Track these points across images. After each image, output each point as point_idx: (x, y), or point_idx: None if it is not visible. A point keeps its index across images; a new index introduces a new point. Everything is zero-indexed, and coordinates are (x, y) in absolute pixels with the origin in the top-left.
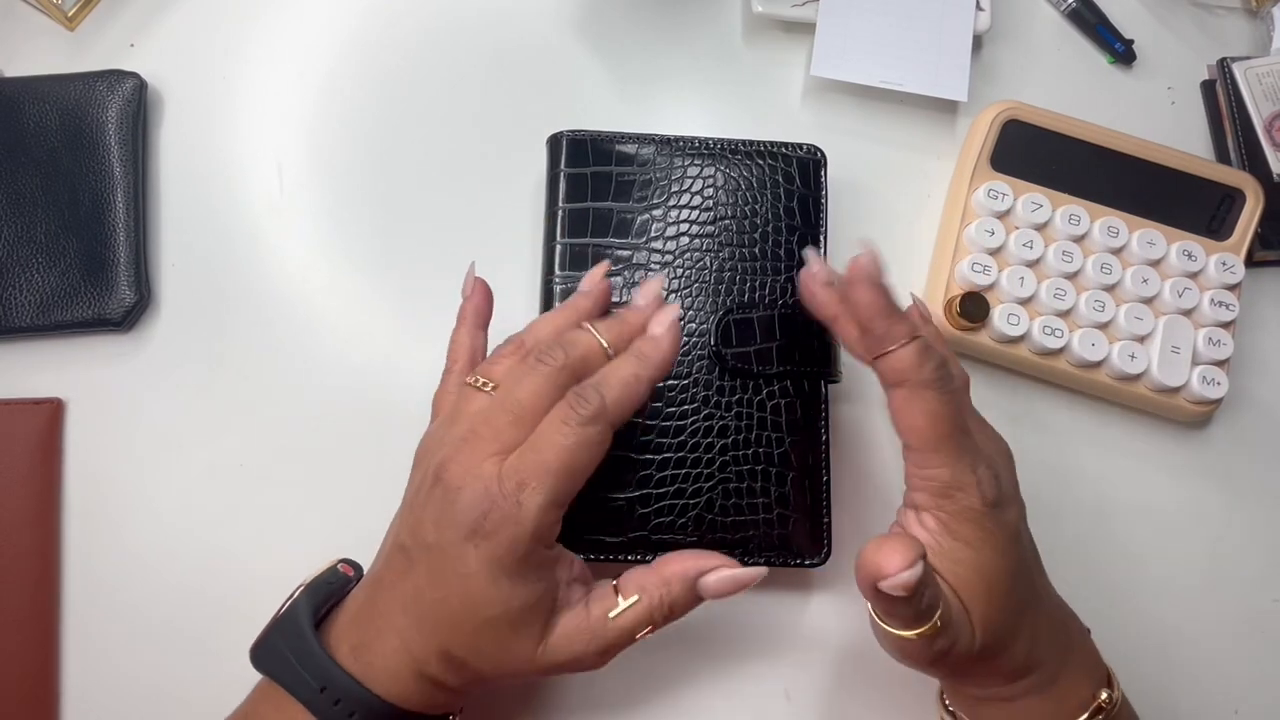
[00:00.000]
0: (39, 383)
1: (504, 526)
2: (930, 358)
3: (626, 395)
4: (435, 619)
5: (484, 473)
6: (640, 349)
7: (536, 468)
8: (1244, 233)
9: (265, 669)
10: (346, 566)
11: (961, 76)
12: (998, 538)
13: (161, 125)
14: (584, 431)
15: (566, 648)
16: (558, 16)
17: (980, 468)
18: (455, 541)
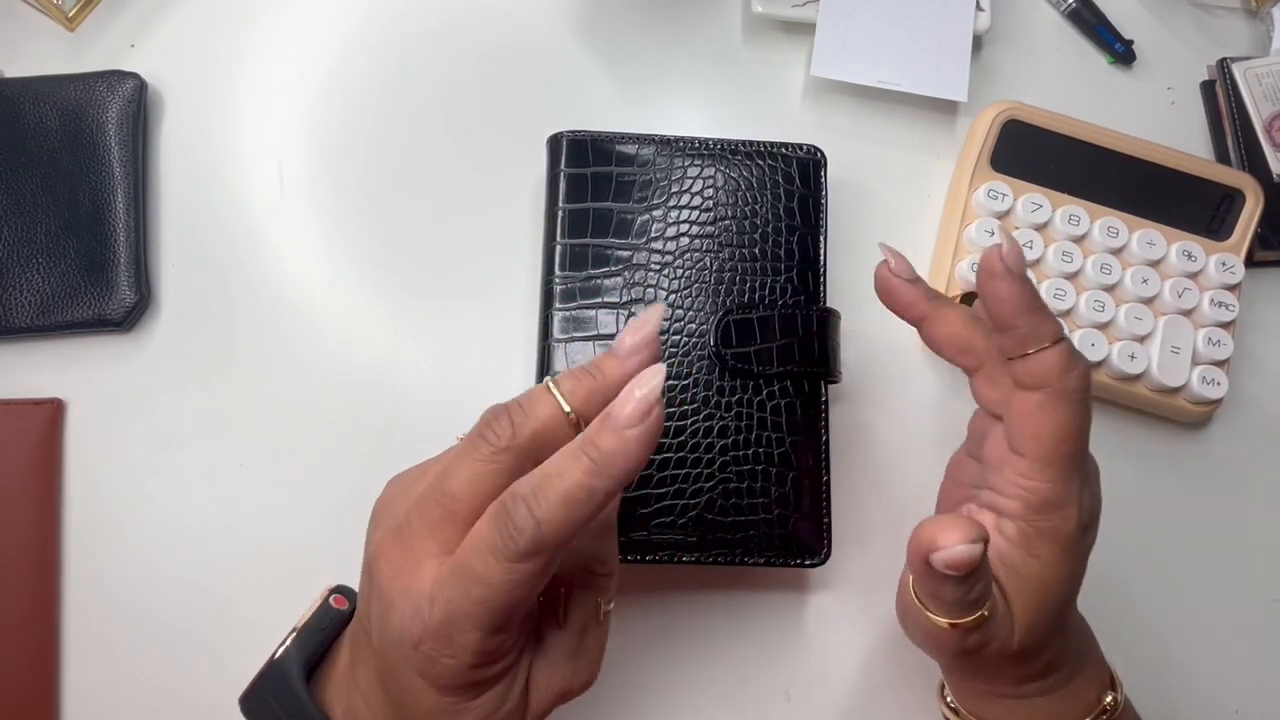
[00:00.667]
0: (39, 383)
1: (438, 660)
2: (1077, 362)
3: (570, 519)
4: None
5: (414, 589)
6: (598, 444)
7: (463, 604)
8: (1244, 233)
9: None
10: (339, 599)
11: (961, 77)
12: (1074, 560)
13: (161, 125)
14: (515, 569)
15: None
16: (558, 16)
17: (1085, 490)
18: (398, 663)
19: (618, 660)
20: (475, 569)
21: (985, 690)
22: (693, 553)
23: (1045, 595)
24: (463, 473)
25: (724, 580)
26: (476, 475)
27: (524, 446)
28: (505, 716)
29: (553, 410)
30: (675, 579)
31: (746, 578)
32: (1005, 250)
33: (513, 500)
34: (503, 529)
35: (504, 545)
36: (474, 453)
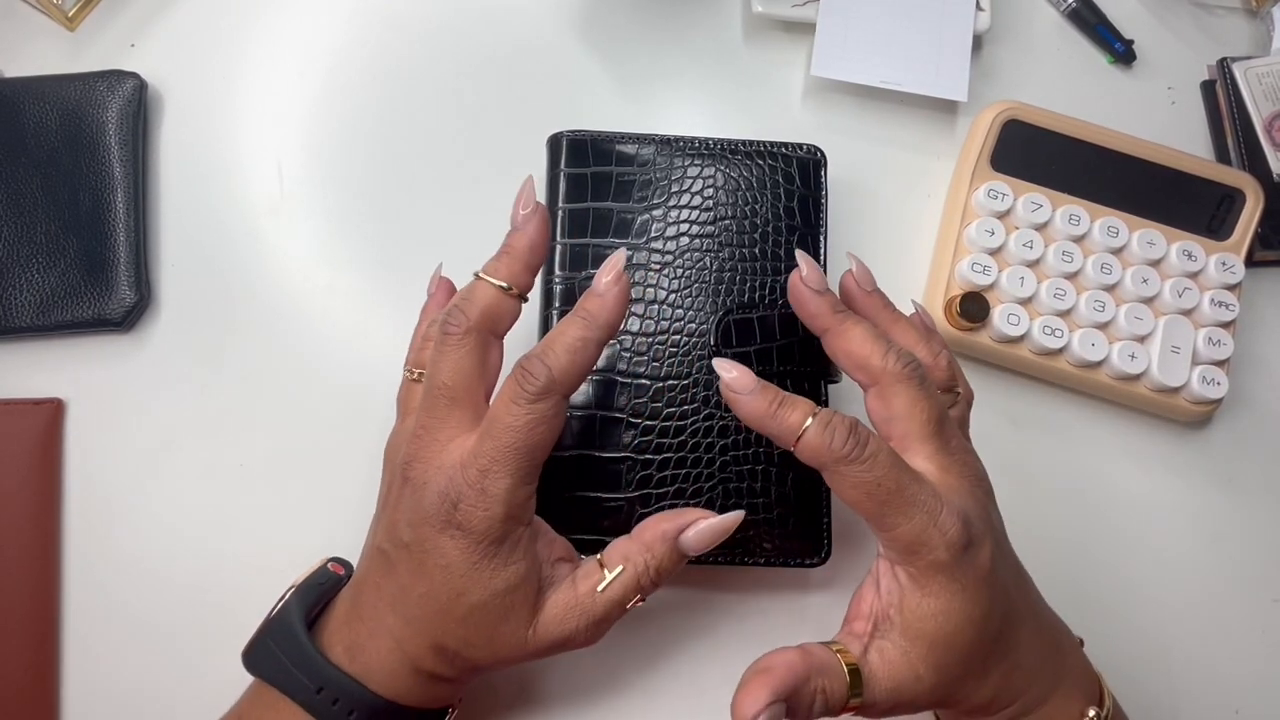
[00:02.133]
0: (39, 383)
1: (475, 513)
2: (832, 432)
3: (574, 363)
4: (423, 614)
5: (446, 463)
6: (585, 307)
7: (495, 452)
8: (1244, 233)
9: (259, 672)
10: (336, 565)
11: (961, 76)
12: (968, 585)
13: (161, 125)
14: (534, 409)
15: (557, 627)
16: (558, 16)
17: (942, 515)
18: (431, 535)
19: (618, 660)
20: (502, 419)
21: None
22: None
23: (948, 629)
24: (445, 364)
25: (724, 580)
26: (456, 360)
27: (479, 324)
28: (510, 608)
29: (487, 289)
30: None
31: (746, 578)
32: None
33: (526, 359)
34: (522, 379)
35: (522, 390)
36: (444, 345)
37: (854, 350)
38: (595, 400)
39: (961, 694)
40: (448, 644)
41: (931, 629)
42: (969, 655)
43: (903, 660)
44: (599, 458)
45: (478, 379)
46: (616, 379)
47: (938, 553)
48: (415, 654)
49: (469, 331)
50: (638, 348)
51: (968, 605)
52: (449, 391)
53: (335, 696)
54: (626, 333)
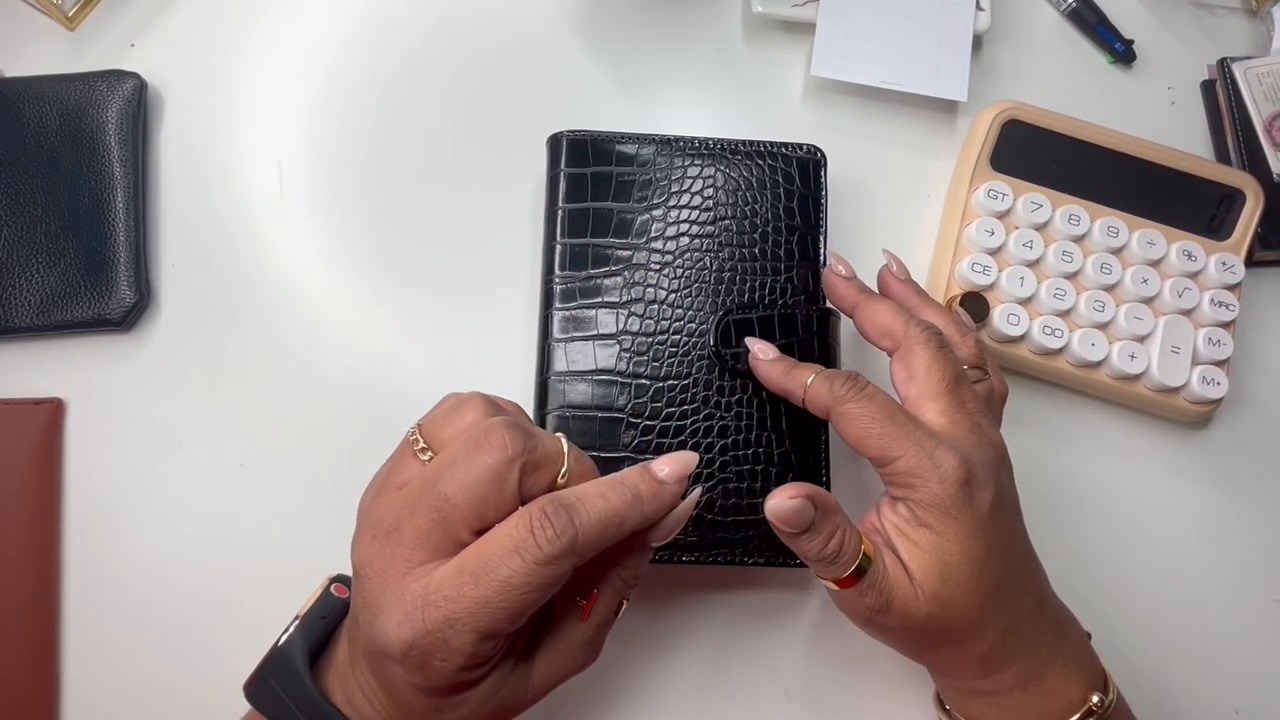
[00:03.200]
0: (39, 383)
1: (429, 662)
2: (831, 381)
3: (602, 538)
4: (406, 711)
5: (405, 595)
6: (641, 490)
7: (475, 604)
8: (1244, 233)
9: (261, 708)
10: (340, 587)
11: (961, 76)
12: (963, 520)
13: (161, 125)
14: (539, 572)
15: (553, 673)
16: (558, 17)
17: (938, 452)
18: (384, 661)
19: (618, 660)
20: (499, 570)
21: (961, 687)
22: (693, 553)
23: (944, 559)
24: (463, 475)
25: (724, 580)
26: (478, 481)
27: (528, 464)
28: (499, 706)
29: (558, 454)
30: (675, 579)
31: (746, 578)
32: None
33: (554, 506)
34: (541, 530)
35: (538, 546)
36: (477, 457)
37: (879, 320)
38: (595, 400)
39: (962, 634)
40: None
41: (927, 558)
42: (965, 591)
43: (904, 574)
44: (599, 458)
45: (482, 511)
46: (616, 379)
47: (932, 484)
48: None
49: (514, 462)
50: (638, 348)
51: (963, 540)
52: (447, 509)
53: None
54: (626, 333)
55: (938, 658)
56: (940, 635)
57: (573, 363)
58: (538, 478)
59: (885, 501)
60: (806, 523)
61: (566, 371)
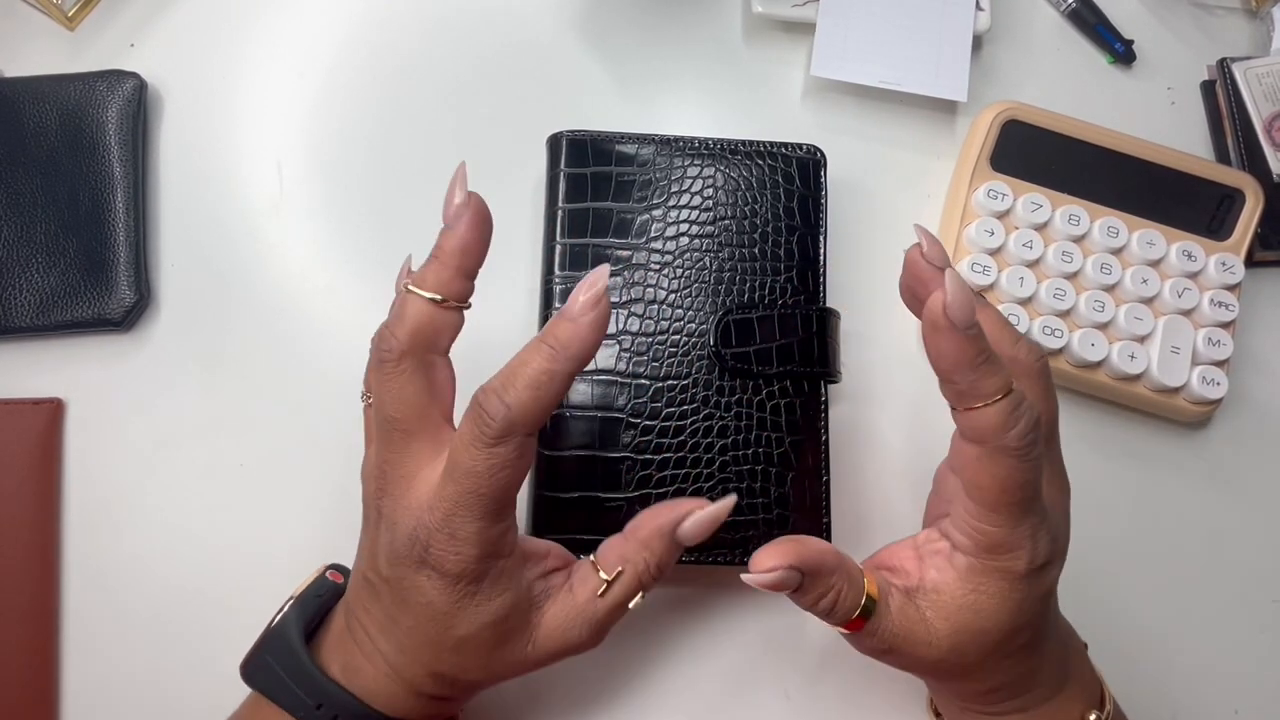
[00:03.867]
0: (39, 383)
1: (447, 556)
2: (1018, 419)
3: (537, 399)
4: (414, 644)
5: (413, 503)
6: (554, 333)
7: (458, 496)
8: (1244, 233)
9: (257, 685)
10: (335, 573)
11: (961, 76)
12: (1023, 600)
13: (161, 125)
14: (495, 453)
15: (558, 637)
16: (558, 16)
17: (1040, 532)
18: (408, 574)
19: (618, 659)
20: (461, 463)
21: (961, 706)
22: (693, 553)
23: (983, 625)
24: (386, 395)
25: (724, 580)
26: (396, 389)
27: (412, 346)
28: (503, 635)
29: (420, 305)
30: (675, 579)
31: None
32: (949, 300)
33: (484, 394)
34: (477, 420)
35: (480, 433)
36: (380, 373)
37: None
38: (595, 400)
39: (964, 676)
40: (443, 671)
41: (968, 620)
42: (991, 651)
43: (921, 624)
44: (599, 458)
45: (426, 404)
46: (616, 379)
47: (1019, 565)
48: (411, 679)
49: (403, 355)
50: (638, 348)
51: (1014, 614)
52: (398, 424)
53: (335, 713)
54: (626, 333)
55: (943, 686)
56: (947, 674)
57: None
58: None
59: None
60: (792, 587)
61: None
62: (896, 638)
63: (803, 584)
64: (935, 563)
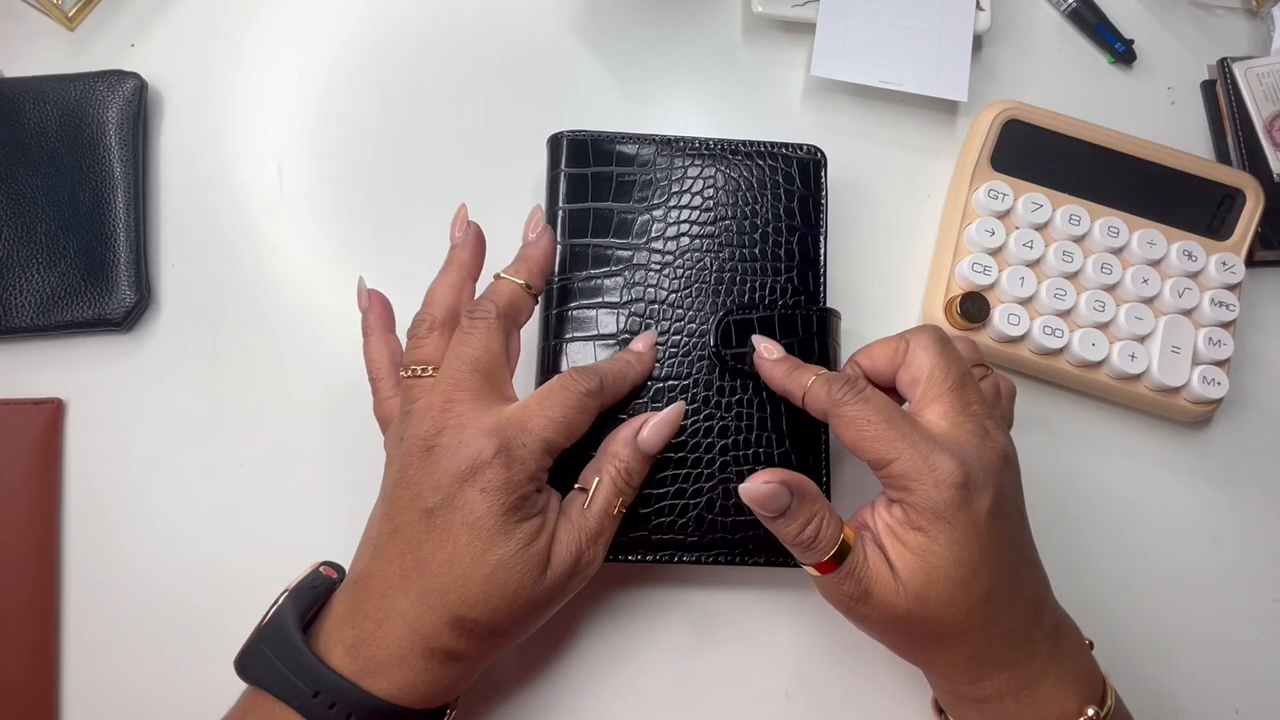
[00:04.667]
0: (39, 383)
1: (510, 463)
2: (829, 383)
3: (616, 383)
4: (443, 584)
5: (483, 422)
6: (627, 356)
7: (540, 415)
8: (1244, 233)
9: (253, 678)
10: (328, 569)
11: (961, 76)
12: (957, 526)
13: (161, 125)
14: (582, 400)
15: (566, 557)
16: (558, 17)
17: (935, 455)
18: (460, 491)
19: (618, 659)
20: (558, 393)
21: (952, 691)
22: (693, 553)
23: (932, 562)
24: (477, 343)
25: (724, 580)
26: (488, 341)
27: (506, 312)
28: (534, 555)
29: (512, 286)
30: (675, 578)
31: (746, 578)
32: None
33: (580, 368)
34: (579, 376)
35: (579, 384)
36: (474, 329)
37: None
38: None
39: (941, 633)
40: (466, 613)
41: (915, 560)
42: (952, 596)
43: (888, 570)
44: None
45: (503, 361)
46: None
47: (927, 488)
48: (431, 631)
49: (500, 317)
50: None
51: (954, 546)
52: (483, 366)
53: (332, 700)
54: (626, 333)
55: (924, 656)
56: (923, 634)
57: (573, 363)
58: (518, 308)
59: (881, 501)
60: (781, 507)
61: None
62: (870, 579)
63: (790, 507)
64: (881, 516)
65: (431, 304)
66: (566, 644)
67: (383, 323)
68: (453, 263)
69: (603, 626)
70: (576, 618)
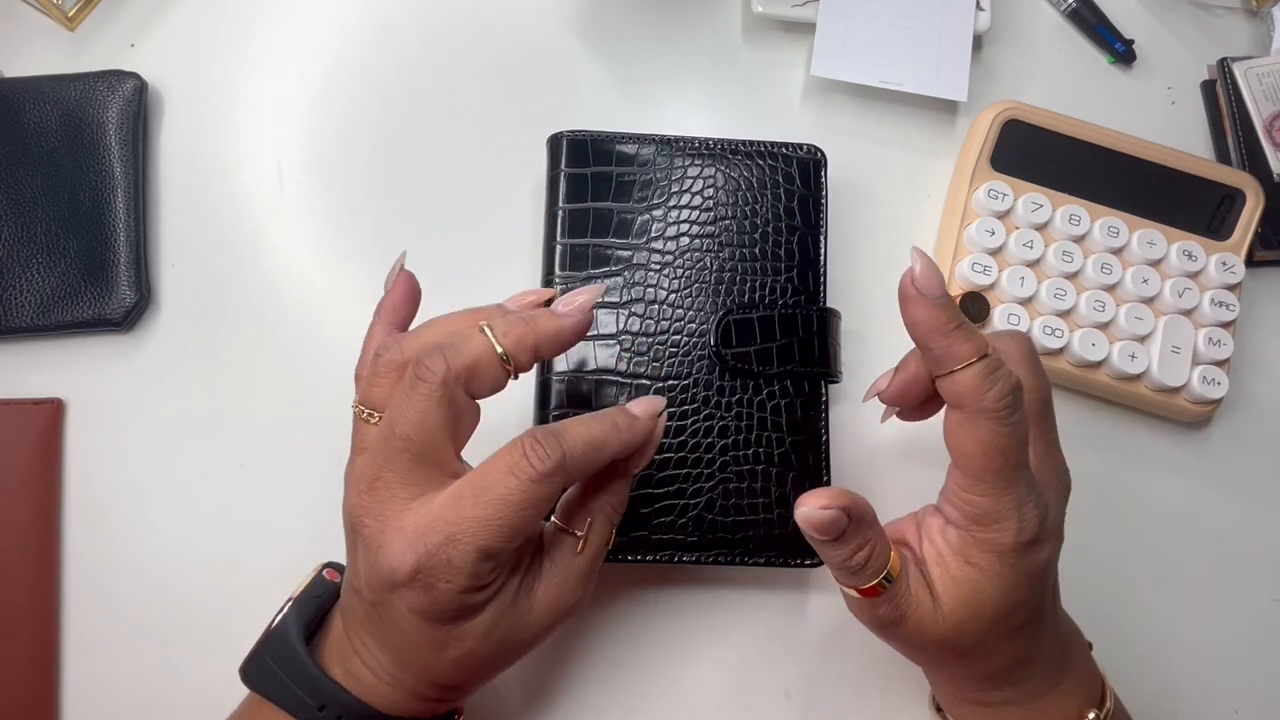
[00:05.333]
0: (39, 383)
1: (431, 587)
2: (995, 382)
3: (587, 461)
4: (408, 658)
5: (404, 525)
6: (618, 422)
7: (476, 522)
8: (1244, 233)
9: (257, 688)
10: (332, 572)
11: (961, 76)
12: (1014, 575)
13: (161, 125)
14: (535, 489)
15: (552, 608)
16: (558, 16)
17: (1027, 505)
18: (387, 598)
19: (618, 659)
20: (495, 488)
21: (956, 695)
22: (693, 553)
23: (979, 600)
24: (410, 414)
25: (724, 580)
26: (424, 413)
27: (459, 379)
28: (503, 638)
29: (485, 348)
30: (675, 579)
31: (746, 578)
32: (918, 273)
33: (543, 432)
34: (532, 451)
35: (530, 465)
36: (413, 393)
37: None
38: (595, 400)
39: (963, 657)
40: (443, 680)
41: (964, 594)
42: (989, 629)
43: (929, 597)
44: None
45: (445, 436)
46: (616, 379)
47: (1006, 537)
48: (413, 688)
49: (445, 384)
50: (638, 348)
51: (1007, 590)
52: (414, 446)
53: (338, 714)
54: (626, 333)
55: (936, 666)
56: (948, 654)
57: (572, 363)
58: (480, 378)
59: (934, 518)
60: (839, 532)
61: (567, 371)
62: (910, 606)
63: (845, 531)
64: (930, 536)
65: (414, 334)
66: (566, 644)
67: (394, 314)
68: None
69: (602, 626)
70: None
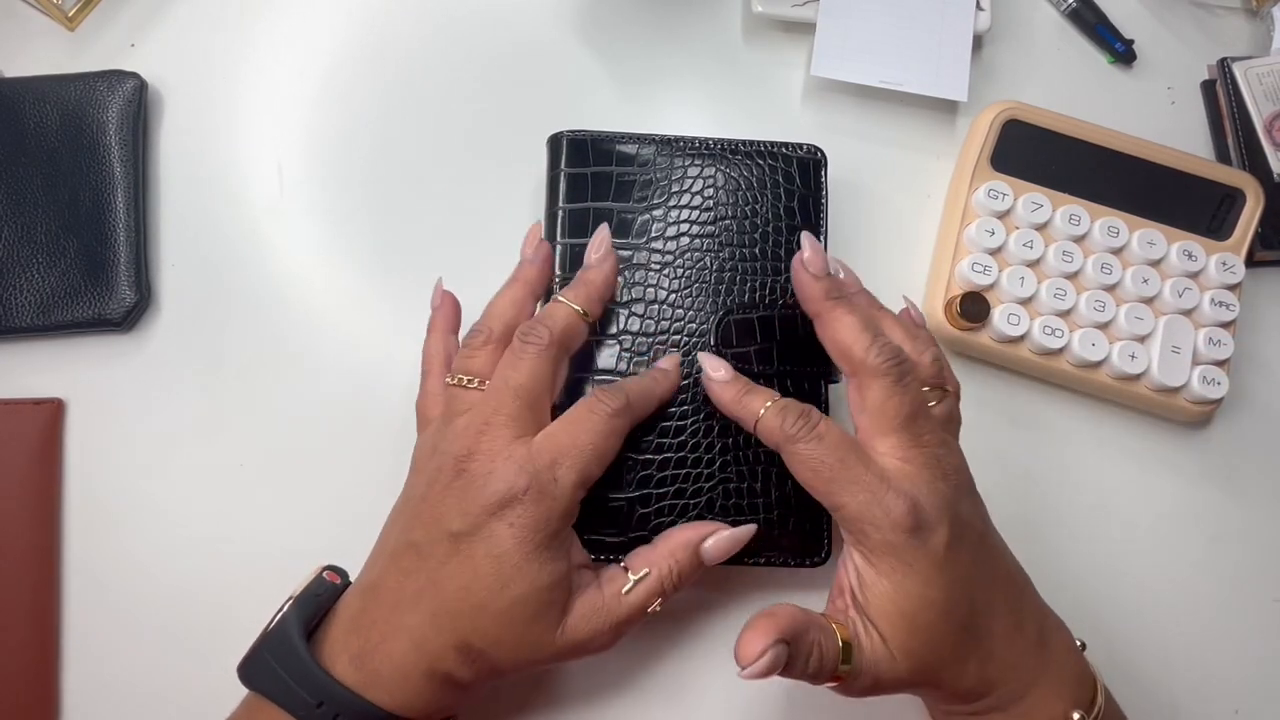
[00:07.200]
0: (39, 383)
1: (541, 500)
2: (787, 415)
3: (643, 399)
4: (456, 610)
5: (515, 453)
6: (655, 375)
7: (570, 447)
8: (1244, 232)
9: (256, 686)
10: (332, 574)
11: (961, 76)
12: (917, 567)
13: (161, 125)
14: (610, 422)
15: (583, 628)
16: (558, 16)
17: (888, 497)
18: (489, 523)
19: (618, 658)
20: (585, 420)
21: (944, 709)
22: None
23: (908, 612)
24: (524, 368)
25: (724, 580)
26: (536, 368)
27: (559, 340)
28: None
29: (569, 311)
30: None
31: (746, 577)
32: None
33: (608, 385)
34: (604, 395)
35: (604, 406)
36: (524, 353)
37: (840, 338)
38: None
39: (941, 679)
40: (475, 643)
41: (890, 609)
42: (934, 640)
43: (880, 643)
44: None
45: (548, 389)
46: (617, 379)
47: (883, 532)
48: (436, 653)
49: (551, 344)
50: (638, 348)
51: (921, 586)
52: (526, 394)
53: (336, 711)
54: (626, 333)
55: (923, 696)
56: (924, 682)
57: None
58: (573, 334)
59: (846, 548)
60: (783, 662)
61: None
62: (875, 666)
63: (790, 655)
64: (850, 576)
65: (490, 316)
66: None
67: (448, 323)
68: (518, 278)
69: None
70: None
